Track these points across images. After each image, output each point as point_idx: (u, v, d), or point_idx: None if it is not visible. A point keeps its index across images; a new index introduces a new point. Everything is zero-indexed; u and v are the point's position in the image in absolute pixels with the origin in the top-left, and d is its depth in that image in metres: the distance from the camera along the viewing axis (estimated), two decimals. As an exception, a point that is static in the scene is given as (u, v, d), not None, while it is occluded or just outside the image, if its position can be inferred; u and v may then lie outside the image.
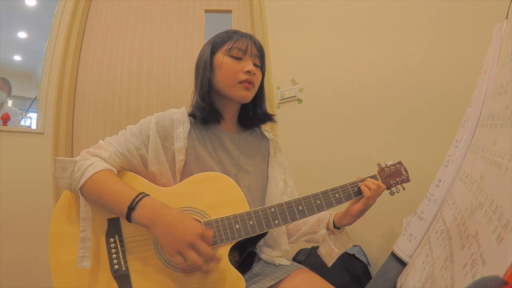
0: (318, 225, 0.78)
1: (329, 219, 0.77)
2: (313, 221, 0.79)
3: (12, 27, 2.11)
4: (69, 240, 0.62)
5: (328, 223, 0.77)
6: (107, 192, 0.61)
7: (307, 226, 0.80)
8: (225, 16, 1.94)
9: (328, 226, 0.77)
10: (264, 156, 0.85)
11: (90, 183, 0.62)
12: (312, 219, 0.80)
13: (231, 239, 0.63)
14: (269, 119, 0.85)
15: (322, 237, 0.76)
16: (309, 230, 0.80)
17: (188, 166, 0.71)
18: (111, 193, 0.61)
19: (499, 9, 0.70)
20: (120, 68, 1.80)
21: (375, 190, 0.70)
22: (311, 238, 0.80)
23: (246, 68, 0.74)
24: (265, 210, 0.66)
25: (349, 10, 1.50)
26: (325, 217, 0.78)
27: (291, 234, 0.83)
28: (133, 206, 0.59)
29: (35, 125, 1.67)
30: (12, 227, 1.41)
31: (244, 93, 0.75)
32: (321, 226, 0.78)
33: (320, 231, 0.77)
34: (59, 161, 0.64)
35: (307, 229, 0.80)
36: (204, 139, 0.76)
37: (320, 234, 0.77)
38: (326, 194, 0.70)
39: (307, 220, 0.81)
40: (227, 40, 0.76)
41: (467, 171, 0.50)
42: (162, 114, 0.74)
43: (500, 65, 0.54)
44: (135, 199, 0.59)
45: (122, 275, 0.61)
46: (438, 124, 1.20)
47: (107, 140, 0.71)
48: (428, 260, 0.45)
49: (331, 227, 0.76)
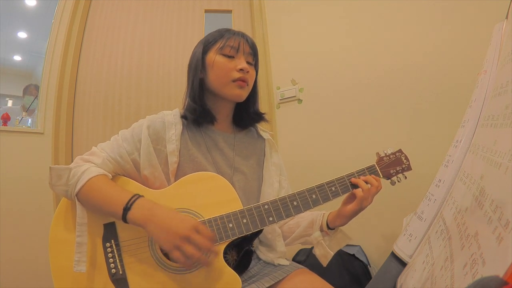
0: (311, 227, 0.76)
1: (322, 221, 0.75)
2: (306, 223, 0.77)
3: (12, 27, 2.11)
4: (67, 246, 0.63)
5: (321, 224, 0.75)
6: (102, 196, 0.62)
7: (300, 229, 0.78)
8: (225, 16, 1.94)
9: (322, 227, 0.75)
10: (259, 156, 0.84)
11: (86, 188, 0.62)
12: (305, 222, 0.78)
13: (225, 238, 0.62)
14: (261, 118, 0.84)
15: (316, 239, 0.74)
16: (303, 232, 0.78)
17: (182, 168, 0.71)
18: (106, 196, 0.62)
19: (499, 9, 0.70)
20: (120, 68, 1.80)
21: (368, 191, 0.67)
22: (305, 240, 0.78)
23: (239, 66, 0.73)
24: (258, 207, 0.65)
25: (349, 10, 1.50)
26: (318, 218, 0.76)
27: (285, 237, 0.82)
28: (128, 206, 0.59)
29: (35, 125, 1.67)
30: (12, 227, 1.41)
31: (238, 92, 0.74)
32: (314, 228, 0.76)
33: (314, 233, 0.75)
34: (54, 169, 0.64)
35: (301, 232, 0.78)
36: (197, 140, 0.75)
37: (314, 236, 0.75)
38: (322, 187, 0.68)
39: (300, 223, 0.79)
40: (219, 38, 0.75)
41: (467, 171, 0.50)
42: (154, 117, 0.74)
43: (500, 65, 0.54)
44: (129, 200, 0.60)
45: (120, 278, 0.62)
46: (438, 124, 1.20)
47: (100, 146, 0.72)
48: (428, 260, 0.45)
49: (325, 228, 0.74)
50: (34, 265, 1.40)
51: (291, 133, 1.61)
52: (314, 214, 0.78)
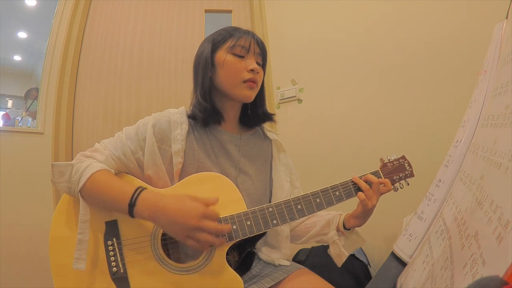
0: (328, 227, 0.76)
1: (339, 220, 0.75)
2: (323, 223, 0.77)
3: (12, 27, 2.10)
4: (68, 243, 0.62)
5: (338, 224, 0.75)
6: (106, 191, 0.62)
7: (317, 228, 0.78)
8: (225, 16, 1.94)
9: (338, 227, 0.75)
10: (266, 158, 0.83)
11: (89, 184, 0.62)
12: (322, 221, 0.78)
13: (228, 240, 0.62)
14: (268, 118, 0.83)
15: (332, 239, 0.74)
16: (320, 232, 0.78)
17: (186, 168, 0.70)
18: (110, 191, 0.61)
19: (499, 9, 0.70)
20: (120, 68, 1.81)
21: (368, 189, 0.68)
22: (321, 239, 0.78)
23: (250, 66, 0.72)
24: (263, 210, 0.65)
25: (349, 10, 1.50)
26: (335, 218, 0.76)
27: (300, 235, 0.82)
28: (133, 202, 0.59)
29: (35, 125, 1.67)
30: (12, 226, 1.41)
31: (248, 93, 0.73)
32: (331, 228, 0.75)
33: (330, 233, 0.75)
34: (56, 166, 0.64)
35: (318, 231, 0.78)
36: (203, 140, 0.74)
37: (330, 236, 0.75)
38: (326, 192, 0.68)
39: (317, 222, 0.79)
40: (228, 37, 0.74)
41: (467, 171, 0.50)
42: (160, 115, 0.72)
43: (500, 65, 0.53)
44: (133, 194, 0.60)
45: (121, 277, 0.62)
46: (438, 124, 1.20)
47: (103, 142, 0.71)
48: (428, 260, 0.45)
49: (341, 228, 0.74)
50: (34, 265, 1.40)
51: (291, 133, 1.61)
52: (331, 214, 0.78)
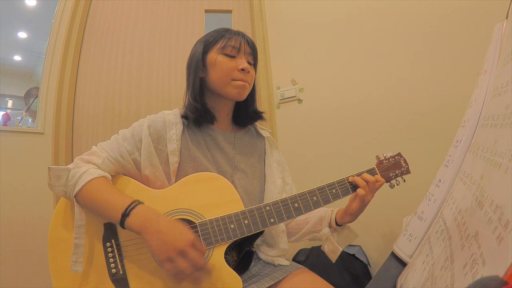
0: (320, 224, 0.77)
1: (331, 217, 0.76)
2: (315, 220, 0.78)
3: (12, 27, 2.10)
4: (66, 246, 0.62)
5: (330, 221, 0.76)
6: (101, 199, 0.62)
7: (310, 225, 0.79)
8: (225, 16, 1.94)
9: (330, 223, 0.76)
10: (260, 155, 0.85)
11: (85, 190, 0.62)
12: (314, 218, 0.79)
13: (226, 239, 0.63)
14: (259, 117, 0.85)
15: (325, 235, 0.75)
16: (312, 229, 0.79)
17: (183, 167, 0.71)
18: (105, 200, 0.61)
19: (499, 9, 0.70)
20: (120, 68, 1.80)
21: (365, 187, 0.68)
22: (313, 236, 0.80)
23: (240, 66, 0.74)
24: (260, 209, 0.65)
25: (349, 10, 1.50)
26: (327, 215, 0.77)
27: (293, 233, 0.83)
28: (127, 213, 0.59)
29: (35, 125, 1.67)
30: (12, 227, 1.41)
31: (239, 91, 0.75)
32: (323, 225, 0.77)
33: (323, 229, 0.76)
34: (53, 170, 0.64)
35: (310, 228, 0.79)
36: (198, 139, 0.76)
37: (323, 233, 0.76)
38: (323, 190, 0.68)
39: (309, 219, 0.80)
40: (219, 38, 0.76)
41: (467, 171, 0.50)
42: (155, 117, 0.74)
43: (500, 65, 0.53)
44: (128, 206, 0.60)
45: (120, 278, 0.62)
46: (438, 124, 1.20)
47: (100, 145, 0.72)
48: (428, 260, 0.45)
49: (333, 224, 0.75)
50: (34, 265, 1.40)
51: (291, 133, 1.61)
52: (323, 210, 0.79)
